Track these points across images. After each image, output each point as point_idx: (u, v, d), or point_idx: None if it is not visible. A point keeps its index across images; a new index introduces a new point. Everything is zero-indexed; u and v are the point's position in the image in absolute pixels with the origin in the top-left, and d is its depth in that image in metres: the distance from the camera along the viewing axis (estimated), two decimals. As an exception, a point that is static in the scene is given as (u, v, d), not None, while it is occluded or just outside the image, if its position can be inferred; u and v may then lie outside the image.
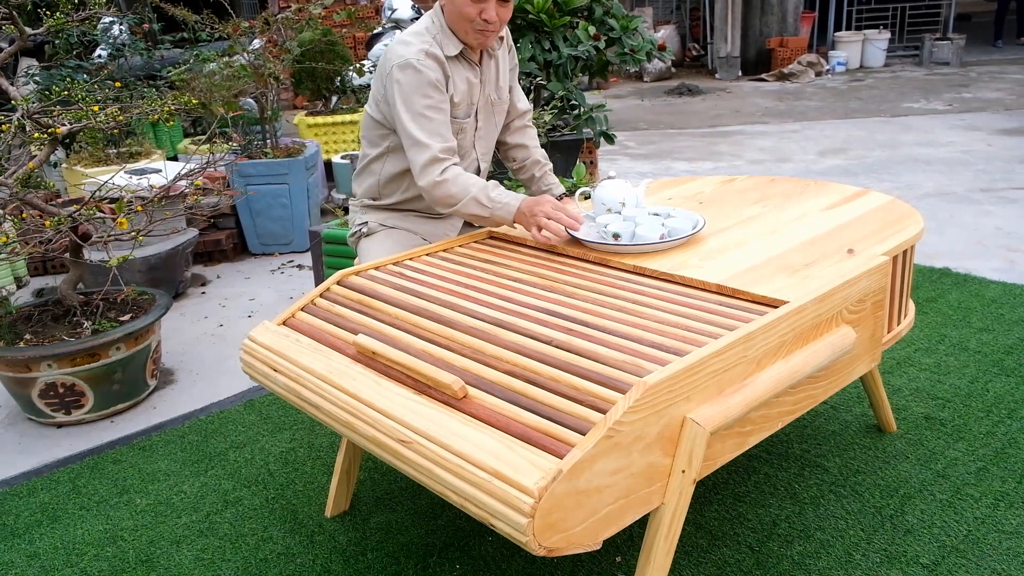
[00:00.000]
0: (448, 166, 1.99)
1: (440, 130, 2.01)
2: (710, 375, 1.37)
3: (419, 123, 1.99)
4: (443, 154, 1.99)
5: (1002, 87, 8.02)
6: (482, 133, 2.21)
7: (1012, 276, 3.29)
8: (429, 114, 2.00)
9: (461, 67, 2.09)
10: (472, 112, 2.15)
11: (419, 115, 2.00)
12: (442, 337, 1.57)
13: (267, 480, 2.21)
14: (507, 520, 1.17)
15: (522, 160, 2.39)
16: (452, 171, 1.99)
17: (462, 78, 2.09)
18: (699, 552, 1.82)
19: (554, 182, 2.39)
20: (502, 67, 2.22)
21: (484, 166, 2.27)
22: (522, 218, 1.96)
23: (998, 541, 1.78)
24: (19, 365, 2.45)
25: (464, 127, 2.14)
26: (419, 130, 1.99)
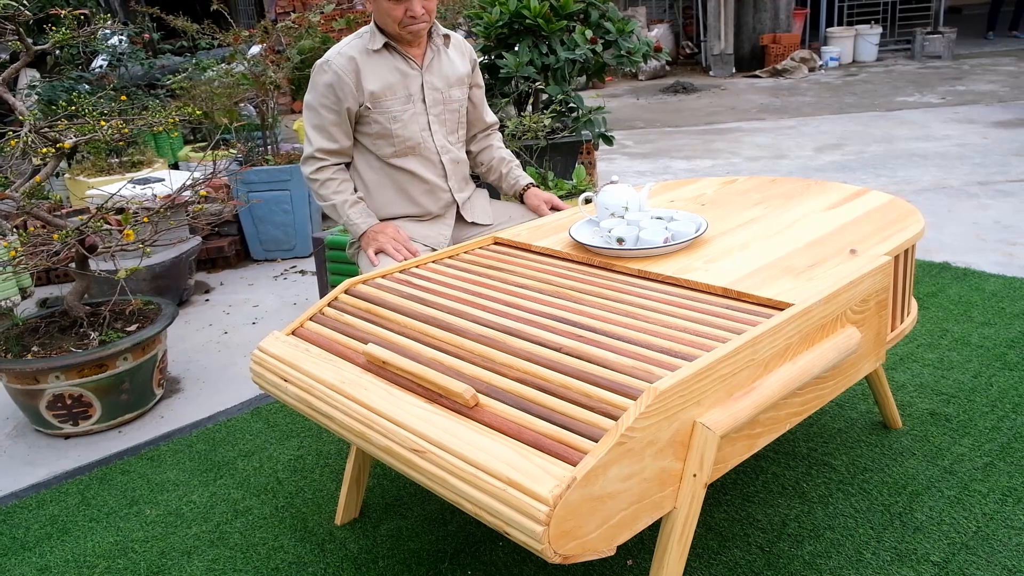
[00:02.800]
0: (322, 166, 2.23)
1: (327, 128, 2.20)
2: (719, 379, 1.38)
3: (310, 117, 2.21)
4: (320, 153, 2.22)
5: (995, 79, 8.04)
6: (437, 126, 2.31)
7: (1011, 269, 3.31)
8: (322, 111, 2.19)
9: (388, 59, 2.21)
10: (413, 101, 2.25)
11: (312, 110, 2.20)
12: (452, 345, 1.58)
13: (276, 488, 2.22)
14: (522, 528, 1.18)
15: (487, 163, 2.51)
16: (324, 173, 2.23)
17: (388, 68, 2.21)
18: (710, 554, 1.83)
19: (520, 175, 2.50)
20: (454, 65, 2.32)
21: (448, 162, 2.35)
22: (365, 239, 2.21)
23: (1008, 537, 1.80)
24: (27, 377, 2.46)
25: (400, 117, 2.24)
26: (308, 124, 2.22)
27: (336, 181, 2.23)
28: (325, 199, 2.24)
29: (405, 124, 2.25)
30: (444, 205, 2.38)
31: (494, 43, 4.00)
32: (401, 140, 2.26)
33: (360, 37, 2.22)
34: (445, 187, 2.36)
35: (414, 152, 2.29)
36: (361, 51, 2.18)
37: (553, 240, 2.06)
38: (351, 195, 2.24)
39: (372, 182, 2.31)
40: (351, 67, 2.17)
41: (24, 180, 2.37)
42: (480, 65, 4.13)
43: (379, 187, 2.31)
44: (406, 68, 2.23)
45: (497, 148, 2.53)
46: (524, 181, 2.49)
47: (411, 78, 2.24)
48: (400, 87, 2.22)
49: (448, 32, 2.34)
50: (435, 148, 2.31)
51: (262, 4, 10.55)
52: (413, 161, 2.30)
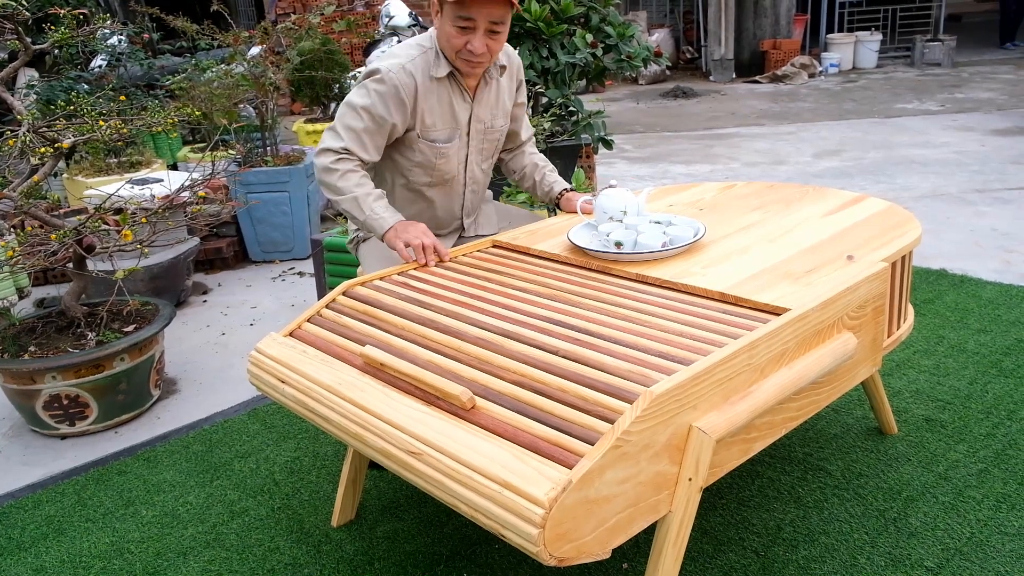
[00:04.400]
0: (344, 159, 2.02)
1: (362, 135, 2.02)
2: (715, 384, 1.39)
3: (348, 117, 2.02)
4: (346, 153, 2.02)
5: (994, 87, 8.06)
6: (475, 156, 2.21)
7: (1008, 277, 3.32)
8: (363, 116, 2.00)
9: (447, 90, 2.07)
10: (458, 136, 2.13)
11: (354, 110, 2.02)
12: (449, 348, 1.59)
13: (273, 490, 2.22)
14: (518, 531, 1.18)
15: (520, 170, 2.41)
16: (346, 165, 2.02)
17: (444, 101, 2.07)
18: (705, 558, 1.83)
19: (555, 180, 2.39)
20: (502, 95, 2.19)
21: (470, 193, 2.27)
22: (392, 234, 2.00)
23: (1001, 543, 1.80)
24: (23, 377, 2.46)
25: (446, 152, 2.13)
26: (342, 123, 2.02)
27: (358, 174, 2.03)
28: (343, 191, 2.02)
29: (449, 159, 2.15)
30: (452, 229, 2.34)
31: (494, 47, 4.01)
32: (440, 174, 2.16)
33: (424, 54, 2.04)
34: (458, 215, 2.30)
35: (444, 183, 2.20)
36: (424, 73, 2.03)
37: (551, 244, 2.07)
38: (374, 190, 2.05)
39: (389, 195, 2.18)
40: (411, 87, 2.01)
41: (22, 180, 2.37)
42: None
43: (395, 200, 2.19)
44: (459, 100, 2.10)
45: (529, 155, 2.42)
46: (559, 188, 2.38)
47: (461, 110, 2.11)
48: (451, 120, 2.11)
49: (505, 62, 2.18)
50: (464, 180, 2.23)
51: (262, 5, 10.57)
52: (439, 191, 2.21)
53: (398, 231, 2.00)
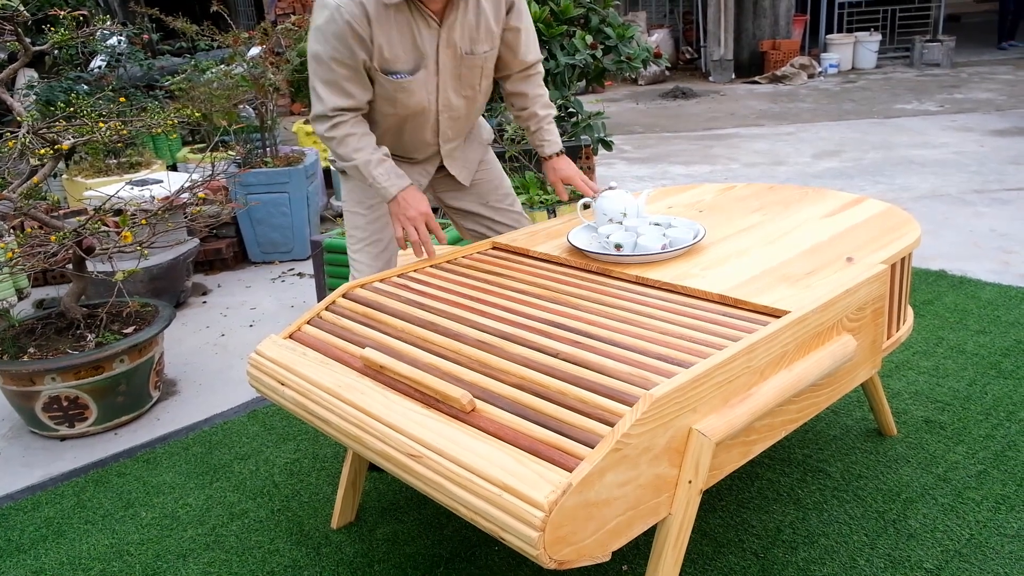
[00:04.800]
0: (337, 122, 1.95)
1: (341, 84, 1.92)
2: (715, 386, 1.39)
3: (319, 71, 1.93)
4: (333, 112, 1.94)
5: (993, 87, 8.07)
6: (450, 83, 2.03)
7: (1007, 278, 3.32)
8: (334, 66, 1.90)
9: (406, 17, 1.90)
10: (424, 68, 1.97)
11: (322, 63, 1.91)
12: (449, 351, 1.59)
13: (272, 492, 2.22)
14: (518, 534, 1.18)
15: (519, 110, 2.25)
16: (341, 129, 1.95)
17: (404, 30, 1.91)
18: (704, 560, 1.83)
19: (549, 139, 2.24)
20: (484, 18, 2.00)
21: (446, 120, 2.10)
22: (394, 207, 1.98)
23: (1000, 545, 1.81)
24: (23, 378, 2.46)
25: (408, 86, 1.97)
26: (317, 79, 1.93)
27: (356, 136, 1.96)
28: (345, 158, 1.98)
29: (412, 92, 1.99)
30: (428, 156, 2.18)
31: (493, 47, 4.01)
32: (404, 107, 2.02)
33: None
34: (434, 142, 2.13)
35: (414, 115, 2.05)
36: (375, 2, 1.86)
37: (551, 246, 2.07)
38: (375, 152, 1.97)
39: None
40: (362, 18, 1.86)
41: (22, 181, 2.37)
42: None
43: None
44: (423, 26, 1.92)
45: (533, 98, 2.21)
46: (549, 150, 2.24)
47: (427, 38, 1.94)
48: (413, 50, 1.94)
49: None
50: (436, 110, 2.06)
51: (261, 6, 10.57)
52: (407, 120, 2.07)
53: (400, 205, 1.96)
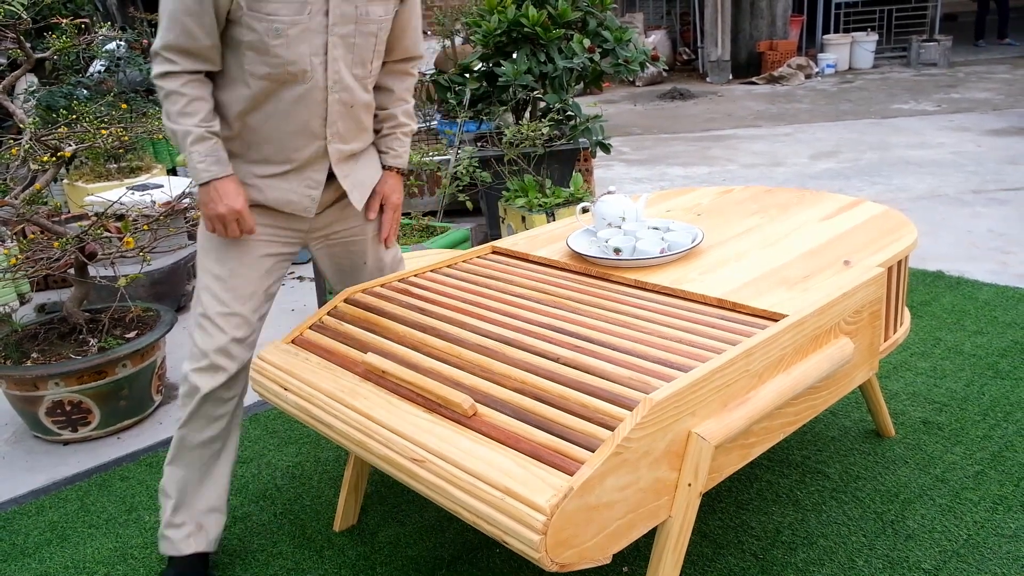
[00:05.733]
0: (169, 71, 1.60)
1: (181, 18, 1.57)
2: (714, 390, 1.40)
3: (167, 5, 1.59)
4: (169, 53, 1.59)
5: (990, 87, 8.09)
6: (340, 52, 1.68)
7: (1004, 279, 3.34)
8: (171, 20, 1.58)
9: None
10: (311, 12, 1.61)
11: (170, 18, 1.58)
12: (450, 355, 1.60)
13: (275, 495, 2.23)
14: (520, 537, 1.20)
15: (379, 106, 1.89)
16: (172, 82, 1.61)
17: None
18: (704, 561, 1.85)
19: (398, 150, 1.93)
20: None
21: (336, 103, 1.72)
22: (203, 196, 1.69)
23: (998, 545, 1.82)
24: (26, 383, 2.47)
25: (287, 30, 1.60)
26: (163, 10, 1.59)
27: (185, 99, 1.60)
28: (169, 118, 1.63)
29: (290, 42, 1.61)
30: (313, 154, 1.75)
31: (492, 51, 4.03)
32: (280, 62, 1.62)
33: None
34: (321, 132, 1.73)
35: (295, 81, 1.65)
36: None
37: (551, 250, 2.08)
38: (200, 123, 1.62)
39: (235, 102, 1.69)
40: None
41: (23, 187, 2.39)
42: (479, 73, 4.17)
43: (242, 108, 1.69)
44: None
45: (399, 99, 1.90)
46: (392, 161, 1.92)
47: None
48: None
49: None
50: (324, 83, 1.68)
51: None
52: (288, 92, 1.67)
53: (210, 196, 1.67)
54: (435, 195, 4.44)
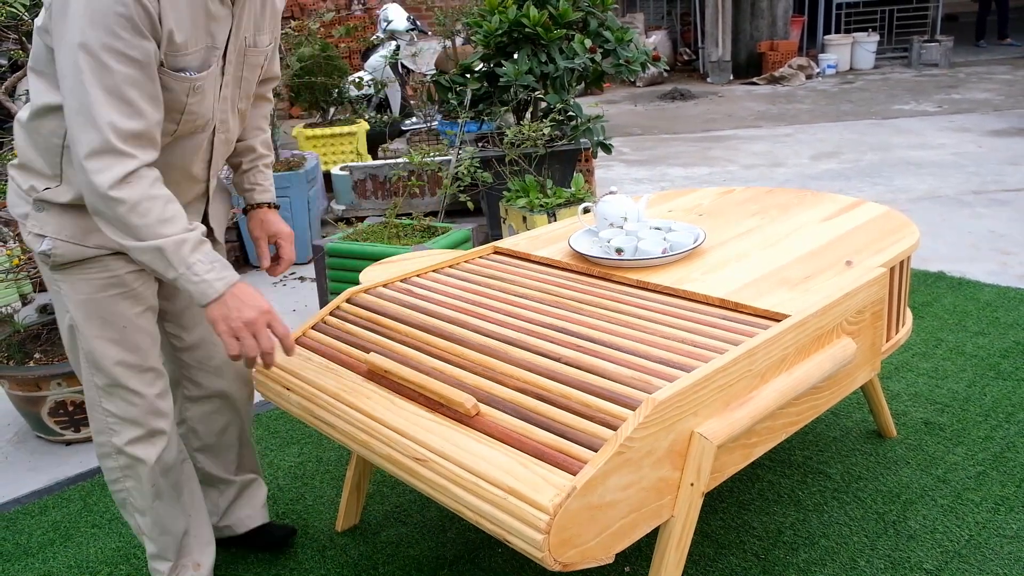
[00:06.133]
0: (135, 170, 1.31)
1: (124, 91, 1.28)
2: (716, 390, 1.41)
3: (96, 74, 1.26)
4: (125, 144, 1.30)
5: (991, 87, 8.09)
6: (228, 92, 1.54)
7: (1005, 279, 3.34)
8: (111, 61, 1.26)
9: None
10: (215, 63, 1.46)
11: (96, 58, 1.25)
12: (453, 355, 1.60)
13: (277, 495, 2.23)
14: (523, 536, 1.20)
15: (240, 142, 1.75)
16: (139, 186, 1.31)
17: (198, 9, 1.38)
18: (706, 561, 1.85)
19: (263, 184, 1.80)
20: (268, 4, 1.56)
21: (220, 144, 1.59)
22: (219, 310, 1.41)
23: (999, 545, 1.82)
24: (29, 384, 2.48)
25: (201, 85, 1.44)
26: (96, 87, 1.26)
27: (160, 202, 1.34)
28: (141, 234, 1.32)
29: (204, 97, 1.46)
30: (194, 197, 1.62)
31: (493, 51, 4.03)
32: (191, 119, 1.47)
33: None
34: (203, 176, 1.60)
35: (196, 132, 1.51)
36: None
37: (552, 250, 2.09)
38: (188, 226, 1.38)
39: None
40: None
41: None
42: (480, 73, 4.17)
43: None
44: (217, 6, 1.41)
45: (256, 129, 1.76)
46: (261, 197, 1.79)
47: (220, 22, 1.44)
48: (205, 36, 1.41)
49: None
50: (213, 126, 1.54)
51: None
52: (183, 143, 1.51)
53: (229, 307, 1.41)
54: (436, 195, 4.45)
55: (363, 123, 5.51)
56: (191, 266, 1.37)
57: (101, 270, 1.50)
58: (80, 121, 1.28)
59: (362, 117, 5.72)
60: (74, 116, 1.28)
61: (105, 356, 1.54)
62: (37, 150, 1.44)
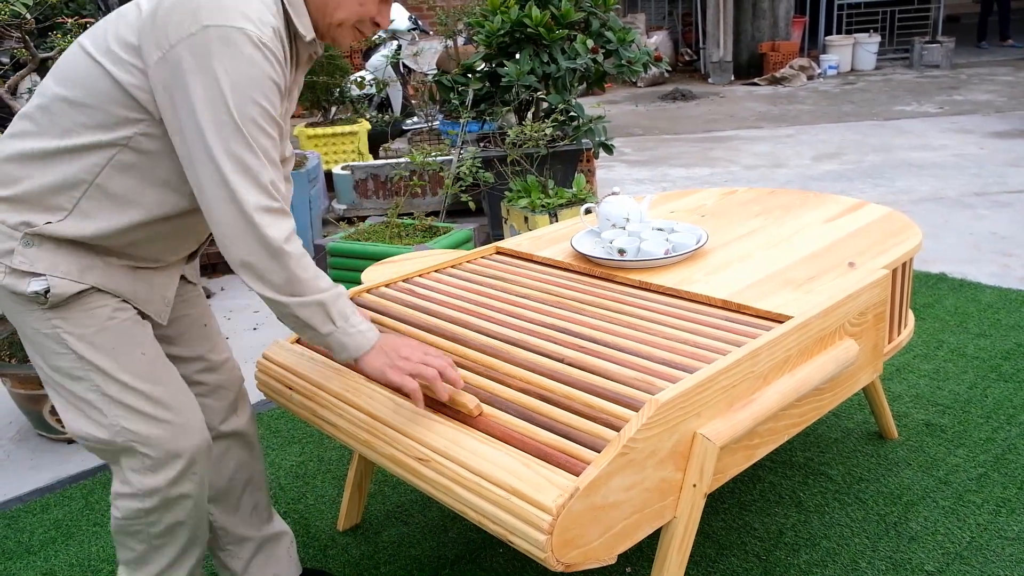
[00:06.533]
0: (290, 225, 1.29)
1: (274, 158, 1.28)
2: (719, 391, 1.41)
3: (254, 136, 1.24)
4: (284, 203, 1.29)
5: (992, 89, 8.09)
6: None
7: (1007, 281, 3.34)
8: (267, 127, 1.26)
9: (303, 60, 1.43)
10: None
11: (254, 124, 1.24)
12: (456, 355, 1.60)
13: (278, 494, 2.23)
14: (526, 537, 1.20)
15: None
16: (298, 242, 1.29)
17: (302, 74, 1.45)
18: (707, 562, 1.85)
19: None
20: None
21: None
22: (379, 358, 1.36)
23: (1001, 547, 1.82)
24: (31, 382, 2.48)
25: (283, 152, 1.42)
26: (254, 147, 1.24)
27: (308, 257, 1.32)
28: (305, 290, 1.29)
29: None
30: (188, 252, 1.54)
31: (495, 51, 4.03)
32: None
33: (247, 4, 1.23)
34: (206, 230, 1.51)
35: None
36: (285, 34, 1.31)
37: (555, 250, 2.09)
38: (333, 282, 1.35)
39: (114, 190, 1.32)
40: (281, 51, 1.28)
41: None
42: (482, 73, 4.17)
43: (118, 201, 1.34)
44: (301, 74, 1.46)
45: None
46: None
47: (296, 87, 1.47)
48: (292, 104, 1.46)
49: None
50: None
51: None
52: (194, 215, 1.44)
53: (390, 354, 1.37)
54: (438, 195, 4.45)
55: (365, 123, 5.52)
56: (348, 318, 1.34)
57: (102, 299, 1.38)
58: (238, 179, 1.23)
59: (364, 116, 5.72)
60: (228, 173, 1.22)
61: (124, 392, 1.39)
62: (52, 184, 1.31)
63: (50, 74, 1.34)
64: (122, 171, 1.32)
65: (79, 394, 1.39)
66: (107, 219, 1.34)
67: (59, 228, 1.32)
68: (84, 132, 1.30)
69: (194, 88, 1.21)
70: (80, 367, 1.37)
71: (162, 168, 1.33)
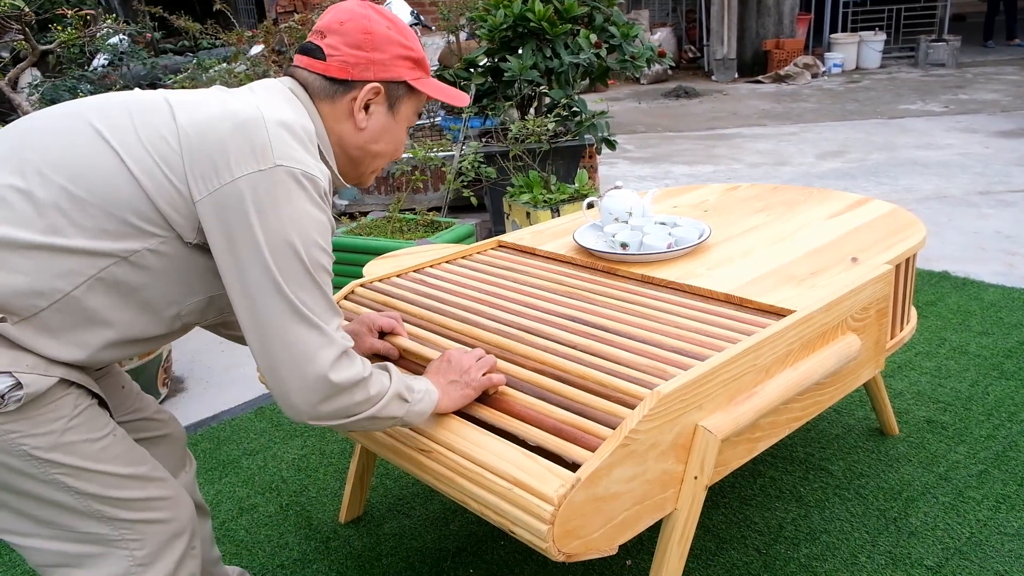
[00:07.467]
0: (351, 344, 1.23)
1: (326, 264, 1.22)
2: (721, 384, 1.41)
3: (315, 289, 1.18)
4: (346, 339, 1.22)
5: (998, 88, 8.07)
6: None
7: (1011, 280, 3.34)
8: (330, 270, 1.23)
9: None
10: None
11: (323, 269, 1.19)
12: (470, 339, 1.60)
13: (281, 487, 2.24)
14: (528, 527, 1.21)
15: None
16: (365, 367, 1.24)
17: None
18: (707, 555, 1.86)
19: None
20: None
21: None
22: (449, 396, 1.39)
23: (1000, 543, 1.83)
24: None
25: None
26: (314, 299, 1.17)
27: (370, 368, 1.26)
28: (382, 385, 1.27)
29: None
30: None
31: (498, 46, 4.03)
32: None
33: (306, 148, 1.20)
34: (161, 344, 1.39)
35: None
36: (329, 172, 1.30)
37: (557, 244, 2.09)
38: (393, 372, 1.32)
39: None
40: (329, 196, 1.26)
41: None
42: (484, 67, 4.17)
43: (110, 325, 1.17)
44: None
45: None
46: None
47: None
48: None
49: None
50: None
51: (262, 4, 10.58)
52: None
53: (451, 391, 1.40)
54: (440, 191, 4.45)
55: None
56: (415, 388, 1.33)
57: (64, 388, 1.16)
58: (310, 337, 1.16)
59: (367, 111, 5.70)
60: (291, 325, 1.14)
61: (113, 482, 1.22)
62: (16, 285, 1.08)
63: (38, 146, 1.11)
64: (107, 287, 1.13)
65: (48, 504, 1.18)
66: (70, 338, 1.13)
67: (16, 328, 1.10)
68: (77, 234, 1.09)
69: (262, 227, 1.11)
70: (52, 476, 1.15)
71: (153, 290, 1.17)
